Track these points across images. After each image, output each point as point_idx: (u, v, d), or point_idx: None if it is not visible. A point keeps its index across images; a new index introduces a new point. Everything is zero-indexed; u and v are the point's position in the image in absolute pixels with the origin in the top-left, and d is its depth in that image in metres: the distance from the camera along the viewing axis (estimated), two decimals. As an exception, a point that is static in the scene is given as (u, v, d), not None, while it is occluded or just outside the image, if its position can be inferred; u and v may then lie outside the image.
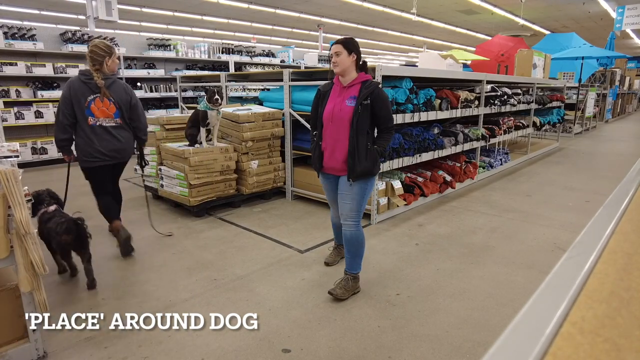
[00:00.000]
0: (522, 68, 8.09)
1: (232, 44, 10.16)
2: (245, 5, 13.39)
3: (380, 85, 2.62)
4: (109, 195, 3.55)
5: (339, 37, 2.70)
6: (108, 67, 3.25)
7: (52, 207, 2.92)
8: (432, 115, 4.59)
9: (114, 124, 3.32)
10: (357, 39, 2.65)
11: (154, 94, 8.55)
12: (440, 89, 4.98)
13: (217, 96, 4.27)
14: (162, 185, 4.68)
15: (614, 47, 14.22)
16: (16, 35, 6.98)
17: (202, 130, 4.43)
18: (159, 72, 8.62)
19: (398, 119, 4.16)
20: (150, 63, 8.69)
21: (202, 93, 9.06)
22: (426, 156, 4.67)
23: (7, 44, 6.77)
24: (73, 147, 3.38)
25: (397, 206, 4.41)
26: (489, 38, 16.98)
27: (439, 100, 4.77)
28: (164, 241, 3.74)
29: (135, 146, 3.61)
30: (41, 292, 2.02)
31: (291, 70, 4.76)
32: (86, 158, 3.29)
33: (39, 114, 7.04)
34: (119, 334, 2.35)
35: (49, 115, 7.13)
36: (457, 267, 3.18)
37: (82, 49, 7.54)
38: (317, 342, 2.26)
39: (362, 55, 2.67)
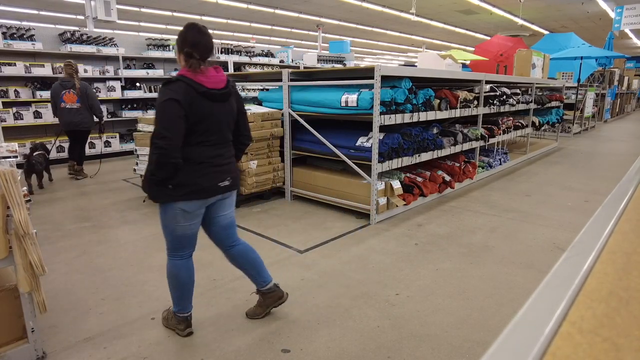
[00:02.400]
0: (521, 68, 8.09)
1: (231, 44, 10.16)
2: (244, 6, 13.39)
3: (169, 81, 2.01)
4: (76, 149, 6.25)
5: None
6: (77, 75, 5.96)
7: (39, 152, 5.55)
8: (431, 115, 4.59)
9: (76, 107, 5.92)
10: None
11: (153, 94, 8.54)
12: (439, 89, 4.98)
13: None
14: (161, 186, 4.67)
15: (612, 47, 14.24)
16: (15, 35, 6.97)
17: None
18: (158, 72, 8.61)
19: (397, 119, 4.16)
20: (149, 63, 8.68)
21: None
22: (425, 156, 4.68)
23: (5, 44, 6.76)
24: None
25: (397, 206, 4.41)
26: (488, 38, 16.99)
27: (438, 100, 4.77)
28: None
29: (95, 120, 6.21)
30: (40, 292, 2.02)
31: (290, 70, 4.76)
32: (62, 127, 6.03)
33: (37, 114, 7.03)
34: (118, 334, 2.35)
35: (48, 115, 7.12)
36: (456, 267, 3.18)
37: (81, 49, 7.54)
38: (316, 342, 2.26)
39: (186, 49, 2.04)
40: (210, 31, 2.13)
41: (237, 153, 2.38)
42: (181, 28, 2.10)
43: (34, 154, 5.44)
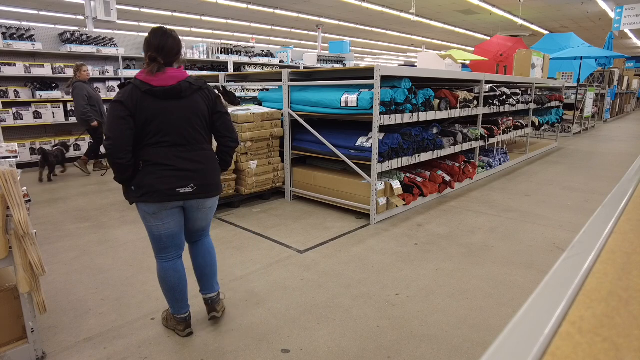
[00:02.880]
0: (521, 68, 8.10)
1: (231, 44, 10.16)
2: (244, 6, 13.39)
3: (121, 85, 2.07)
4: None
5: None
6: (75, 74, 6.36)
7: (58, 147, 6.36)
8: (431, 116, 4.59)
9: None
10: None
11: (153, 95, 8.53)
12: (439, 89, 4.99)
13: (235, 97, 4.47)
14: (161, 186, 4.67)
15: (612, 47, 14.25)
16: (14, 35, 6.97)
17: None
18: (157, 73, 8.60)
19: (397, 119, 4.16)
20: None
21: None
22: (425, 156, 4.68)
23: (5, 44, 6.76)
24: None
25: (396, 206, 4.41)
26: (488, 38, 17.00)
27: (438, 101, 4.77)
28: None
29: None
30: (40, 293, 2.02)
31: (290, 70, 4.76)
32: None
33: (37, 115, 7.02)
34: (118, 334, 2.35)
35: (48, 115, 7.12)
36: (456, 267, 3.18)
37: (81, 49, 7.54)
38: (316, 342, 2.26)
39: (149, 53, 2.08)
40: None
41: (222, 156, 2.30)
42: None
43: (53, 148, 6.32)
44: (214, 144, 2.32)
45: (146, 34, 2.17)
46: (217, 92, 2.23)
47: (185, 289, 2.30)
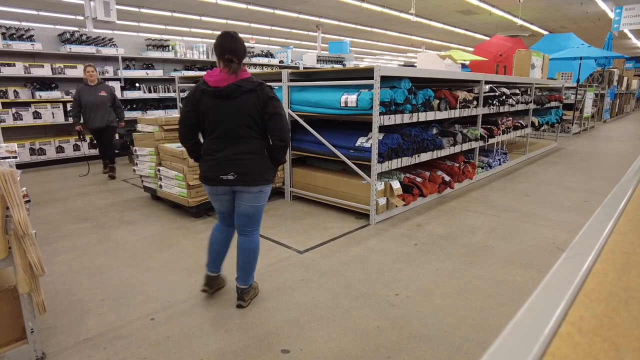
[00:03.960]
0: (521, 68, 8.10)
1: (230, 45, 10.15)
2: (243, 6, 13.39)
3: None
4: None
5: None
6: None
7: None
8: (430, 116, 4.60)
9: None
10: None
11: (153, 95, 8.54)
12: (438, 89, 4.99)
13: None
14: (160, 186, 4.67)
15: (612, 47, 14.25)
16: (14, 35, 6.97)
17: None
18: (157, 73, 8.61)
19: (397, 119, 4.16)
20: (148, 64, 8.69)
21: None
22: (425, 156, 4.68)
23: (5, 44, 6.76)
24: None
25: (396, 206, 4.41)
26: (488, 38, 17.01)
27: (438, 101, 4.77)
28: (163, 242, 3.74)
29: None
30: (40, 293, 2.01)
31: (290, 70, 4.76)
32: None
33: (37, 115, 7.02)
34: (117, 334, 2.35)
35: (47, 115, 7.12)
36: (456, 267, 3.18)
37: (81, 49, 7.54)
38: (316, 342, 2.26)
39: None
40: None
41: (272, 153, 2.48)
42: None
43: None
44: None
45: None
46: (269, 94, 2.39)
47: (217, 254, 2.67)
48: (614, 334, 0.40)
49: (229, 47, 2.30)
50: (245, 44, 2.47)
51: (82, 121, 6.20)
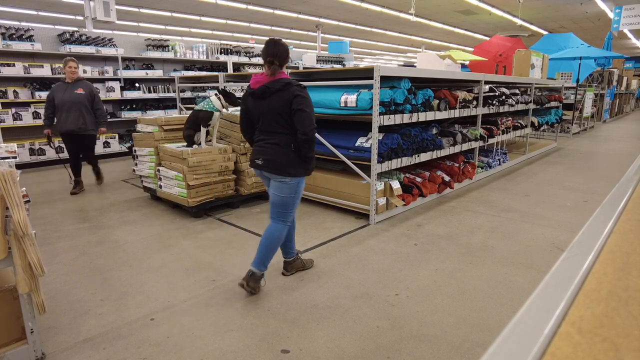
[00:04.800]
0: (520, 68, 8.10)
1: (230, 45, 10.16)
2: (243, 6, 13.39)
3: None
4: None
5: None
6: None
7: None
8: (430, 116, 4.60)
9: None
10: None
11: (152, 95, 8.54)
12: (438, 89, 4.99)
13: (232, 98, 4.51)
14: (160, 186, 4.67)
15: (611, 47, 14.26)
16: (14, 36, 6.97)
17: (203, 131, 4.44)
18: (157, 73, 8.61)
19: (397, 119, 4.16)
20: (148, 64, 8.68)
21: (201, 94, 9.06)
22: (425, 156, 4.68)
23: (4, 44, 6.75)
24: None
25: (396, 206, 4.41)
26: (487, 38, 17.01)
27: (437, 101, 4.77)
28: (163, 242, 3.74)
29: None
30: (39, 293, 2.01)
31: (289, 70, 4.75)
32: None
33: (36, 115, 7.02)
34: (117, 334, 2.34)
35: (47, 116, 7.11)
36: (455, 267, 3.18)
37: (80, 49, 7.54)
38: (316, 342, 2.26)
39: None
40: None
41: (299, 147, 2.66)
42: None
43: None
44: None
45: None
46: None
47: (284, 241, 2.92)
48: (614, 333, 0.41)
49: (272, 51, 2.61)
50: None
51: (55, 123, 5.34)
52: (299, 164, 2.67)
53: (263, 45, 2.69)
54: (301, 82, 4.76)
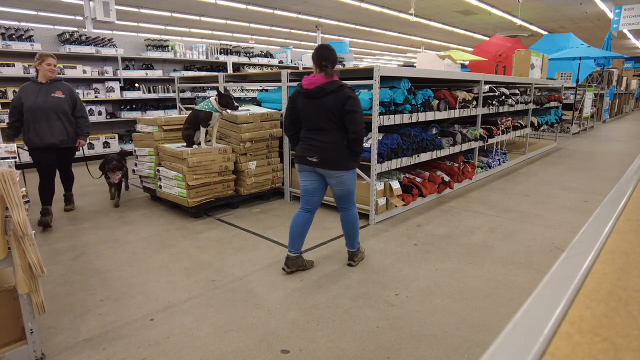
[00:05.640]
0: (520, 68, 8.10)
1: (230, 45, 10.16)
2: (243, 6, 13.38)
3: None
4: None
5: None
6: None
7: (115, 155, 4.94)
8: (430, 116, 4.60)
9: None
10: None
11: (152, 95, 8.53)
12: (438, 90, 4.99)
13: (228, 100, 4.40)
14: (160, 186, 4.67)
15: (611, 47, 14.27)
16: (13, 36, 6.97)
17: (202, 131, 4.44)
18: (156, 73, 8.61)
19: (396, 119, 4.16)
20: (148, 64, 8.68)
21: (201, 94, 9.06)
22: (424, 156, 4.68)
23: (4, 44, 6.75)
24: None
25: (396, 206, 4.41)
26: (487, 38, 17.01)
27: (437, 101, 4.77)
28: (163, 242, 3.74)
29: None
30: (39, 293, 2.01)
31: (289, 71, 4.76)
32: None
33: (36, 115, 7.00)
34: (117, 335, 2.34)
35: (47, 116, 7.10)
36: (455, 267, 3.18)
37: (80, 49, 7.53)
38: (315, 342, 2.26)
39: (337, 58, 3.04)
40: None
41: (349, 145, 2.90)
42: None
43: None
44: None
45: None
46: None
47: (295, 235, 3.10)
48: (614, 333, 0.41)
49: (326, 56, 2.84)
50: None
51: (21, 135, 4.15)
52: (351, 157, 2.93)
53: (314, 50, 2.91)
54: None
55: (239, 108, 4.81)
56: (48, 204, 4.27)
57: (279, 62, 10.99)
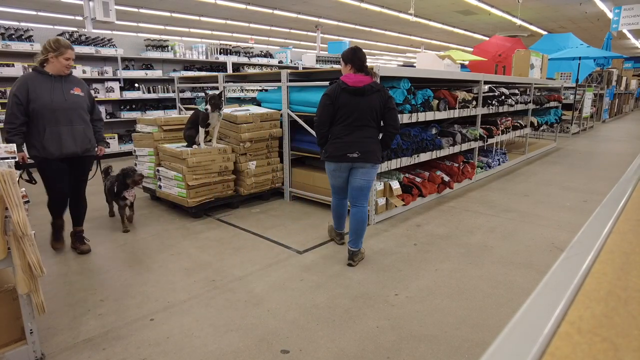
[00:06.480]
0: (520, 68, 8.10)
1: (229, 45, 10.15)
2: (242, 6, 13.38)
3: (330, 83, 3.23)
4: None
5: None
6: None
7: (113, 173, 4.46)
8: (430, 116, 4.60)
9: None
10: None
11: (152, 95, 8.53)
12: (438, 90, 4.99)
13: (215, 101, 4.28)
14: (160, 187, 4.67)
15: (610, 47, 14.27)
16: (13, 36, 6.96)
17: (201, 131, 4.44)
18: (156, 73, 8.60)
19: (396, 119, 4.16)
20: (147, 64, 8.68)
21: (201, 94, 9.05)
22: (424, 156, 4.68)
23: (3, 45, 6.75)
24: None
25: (395, 206, 4.41)
26: (487, 38, 17.01)
27: (437, 101, 4.77)
28: (163, 242, 3.74)
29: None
30: (39, 294, 2.01)
31: (289, 71, 4.75)
32: None
33: (36, 115, 7.00)
34: (117, 335, 2.34)
35: (46, 116, 7.11)
36: (455, 267, 3.18)
37: (80, 50, 7.53)
38: (315, 342, 2.26)
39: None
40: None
41: (386, 139, 3.19)
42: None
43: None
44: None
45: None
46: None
47: (341, 217, 3.53)
48: (613, 333, 0.41)
49: (365, 59, 3.13)
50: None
51: (37, 142, 3.24)
52: (381, 152, 3.19)
53: (349, 53, 3.12)
54: (301, 83, 4.77)
55: (238, 108, 4.82)
56: (76, 224, 3.61)
57: (279, 62, 10.99)
